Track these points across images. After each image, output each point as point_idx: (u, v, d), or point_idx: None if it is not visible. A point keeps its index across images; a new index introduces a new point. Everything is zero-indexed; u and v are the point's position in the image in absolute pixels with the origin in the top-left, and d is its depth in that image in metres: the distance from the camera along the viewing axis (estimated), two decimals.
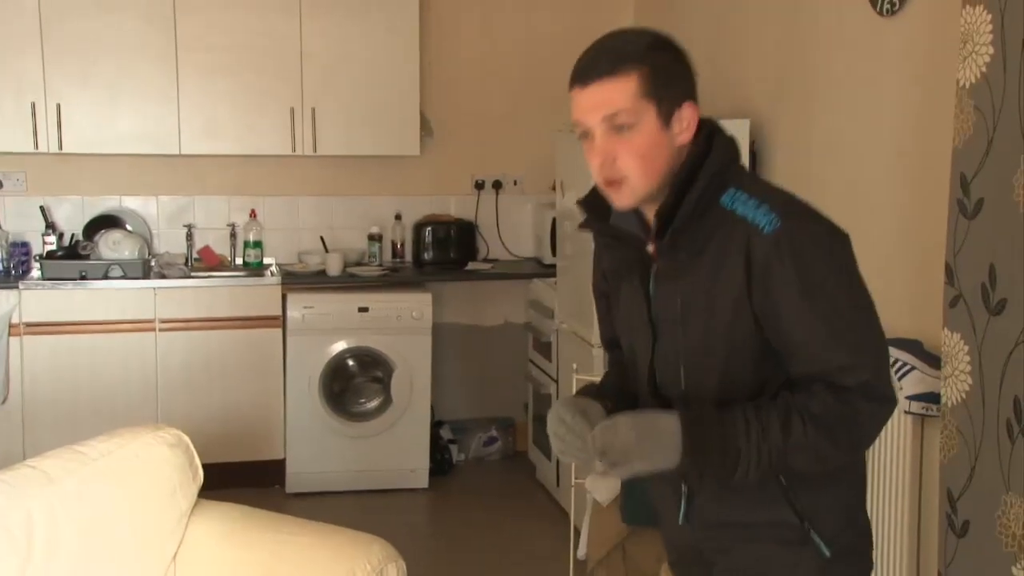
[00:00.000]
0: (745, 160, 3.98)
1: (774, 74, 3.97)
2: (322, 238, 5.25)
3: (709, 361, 1.67)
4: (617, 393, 1.82)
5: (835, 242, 1.64)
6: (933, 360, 2.73)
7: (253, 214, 5.18)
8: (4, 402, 4.55)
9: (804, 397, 1.59)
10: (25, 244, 4.91)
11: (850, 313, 1.61)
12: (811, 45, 3.66)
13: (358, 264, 5.15)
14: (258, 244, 5.12)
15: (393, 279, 5.06)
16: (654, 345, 1.74)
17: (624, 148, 1.63)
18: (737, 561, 1.73)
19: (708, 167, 1.64)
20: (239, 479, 4.48)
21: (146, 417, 4.53)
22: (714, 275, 1.63)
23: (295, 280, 4.92)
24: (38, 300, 4.58)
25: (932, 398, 2.71)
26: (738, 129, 4.00)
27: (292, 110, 4.94)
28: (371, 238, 5.24)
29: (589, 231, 1.81)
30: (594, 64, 1.64)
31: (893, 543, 2.89)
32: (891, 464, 2.92)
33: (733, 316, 1.63)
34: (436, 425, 5.14)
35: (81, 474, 2.31)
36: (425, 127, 5.19)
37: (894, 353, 2.88)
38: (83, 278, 4.64)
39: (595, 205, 1.76)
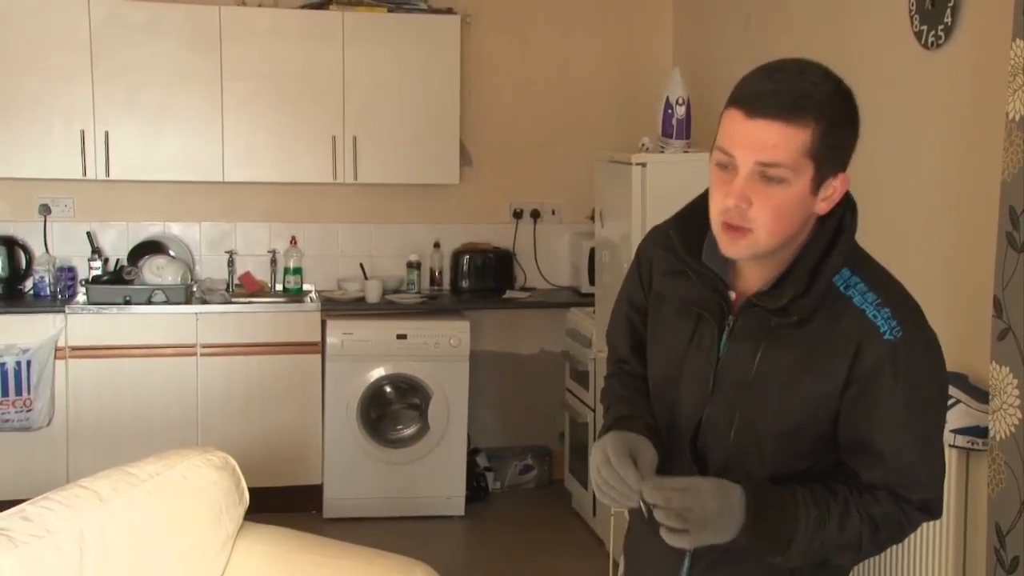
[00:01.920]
0: None
1: None
2: (361, 265, 5.29)
3: (768, 437, 1.59)
4: (653, 431, 1.68)
5: (939, 357, 1.58)
6: (979, 394, 2.71)
7: (293, 241, 5.23)
8: (49, 424, 4.61)
9: (868, 500, 1.55)
10: (72, 269, 5.00)
11: (937, 434, 1.58)
12: (853, 80, 3.64)
13: (397, 291, 5.19)
14: (298, 271, 5.17)
15: (431, 307, 5.09)
16: (709, 401, 1.63)
17: (764, 199, 1.48)
18: None
19: (841, 247, 1.55)
20: (277, 503, 4.49)
21: (187, 441, 4.57)
22: (811, 355, 1.54)
23: (334, 307, 4.96)
24: (83, 324, 4.65)
25: (978, 432, 2.69)
26: None
27: (334, 138, 5.00)
28: (410, 265, 5.28)
29: (673, 257, 1.66)
30: (772, 99, 1.48)
31: (939, 571, 2.86)
32: None
33: (815, 403, 1.55)
34: (472, 453, 5.15)
35: (131, 495, 2.34)
36: (464, 156, 5.24)
37: None
38: (127, 303, 4.70)
39: (686, 232, 1.64)
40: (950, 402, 2.77)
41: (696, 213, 1.63)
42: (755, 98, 1.48)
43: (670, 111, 4.36)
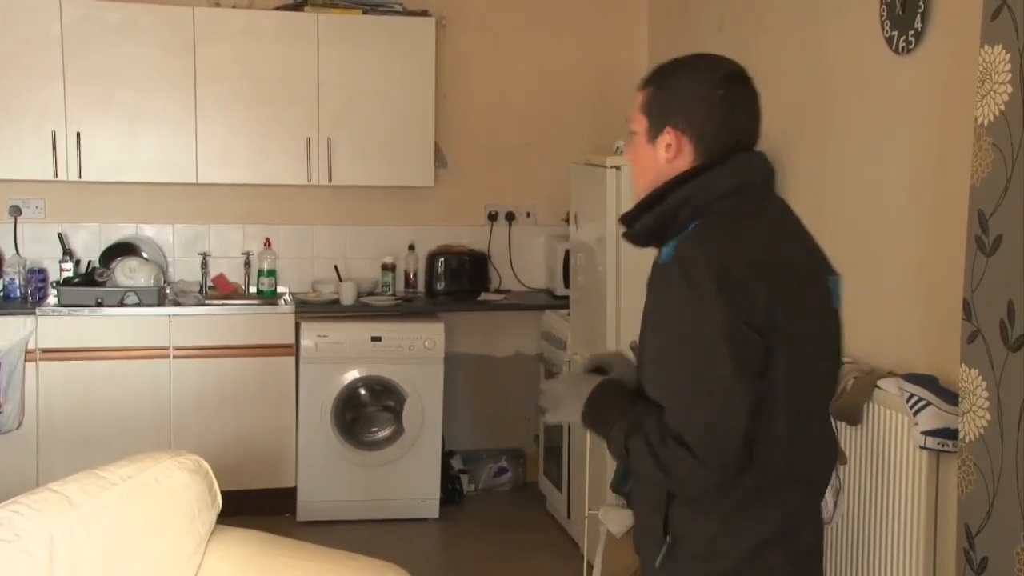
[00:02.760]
0: None
1: (790, 111, 4.00)
2: (336, 267, 5.27)
3: (645, 365, 1.84)
4: None
5: (702, 300, 1.66)
6: (949, 396, 2.74)
7: (267, 243, 5.21)
8: (19, 427, 4.56)
9: (646, 413, 1.75)
10: (42, 271, 4.95)
11: (685, 365, 1.70)
12: (827, 82, 3.70)
13: (371, 294, 5.18)
14: (272, 273, 5.15)
15: (406, 309, 5.08)
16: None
17: (629, 152, 1.95)
18: (640, 538, 1.96)
19: (680, 193, 1.80)
20: (250, 506, 4.46)
21: (159, 444, 4.54)
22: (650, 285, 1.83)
23: (308, 309, 4.95)
24: (54, 326, 4.61)
25: (948, 434, 2.71)
26: None
27: (308, 140, 4.99)
28: (384, 268, 5.27)
29: None
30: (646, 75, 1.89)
31: (909, 572, 2.89)
32: (907, 499, 2.92)
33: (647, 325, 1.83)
34: (447, 455, 5.14)
35: (102, 498, 2.32)
36: (439, 158, 5.24)
37: (909, 388, 2.89)
38: (99, 305, 4.67)
39: None
40: (920, 404, 2.80)
41: None
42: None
43: None
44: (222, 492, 2.57)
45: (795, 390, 1.75)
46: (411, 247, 5.37)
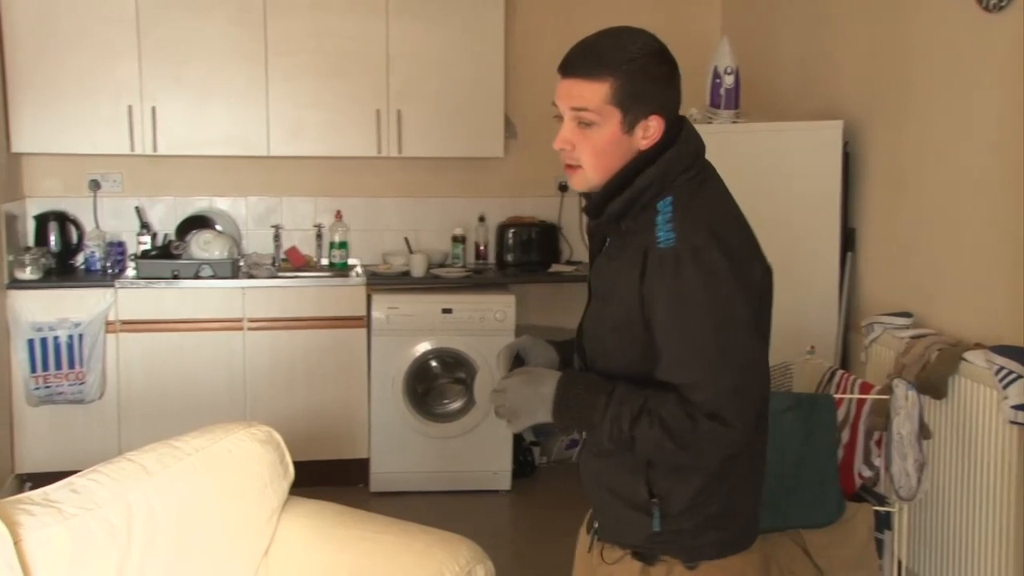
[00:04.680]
0: (837, 163, 3.92)
1: (869, 74, 3.87)
2: (406, 239, 5.28)
3: (604, 340, 1.85)
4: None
5: (705, 264, 1.72)
6: None
7: (338, 215, 5.23)
8: (101, 397, 4.67)
9: (660, 400, 1.73)
10: (121, 244, 5.05)
11: (711, 338, 1.72)
12: (909, 43, 3.57)
13: (441, 266, 5.17)
14: (343, 245, 5.18)
15: (476, 280, 5.07)
16: (586, 307, 1.94)
17: (584, 142, 1.80)
18: (602, 507, 1.94)
19: (649, 174, 1.79)
20: (324, 477, 4.53)
21: (233, 414, 4.61)
22: (624, 266, 1.79)
23: (379, 281, 4.96)
24: (133, 298, 4.69)
25: None
26: (830, 131, 3.93)
27: (378, 112, 4.98)
28: (455, 239, 5.26)
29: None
30: (577, 61, 1.81)
31: (997, 552, 2.80)
32: (995, 475, 2.82)
33: (627, 307, 1.78)
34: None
35: (177, 468, 2.35)
36: (509, 129, 5.19)
37: (998, 361, 2.79)
38: (175, 277, 4.74)
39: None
40: (1010, 376, 2.69)
41: None
42: (566, 62, 1.82)
43: (718, 81, 4.27)
44: (295, 463, 2.59)
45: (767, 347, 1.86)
46: (481, 219, 5.34)
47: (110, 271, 4.92)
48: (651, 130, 1.80)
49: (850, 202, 3.95)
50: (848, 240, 3.98)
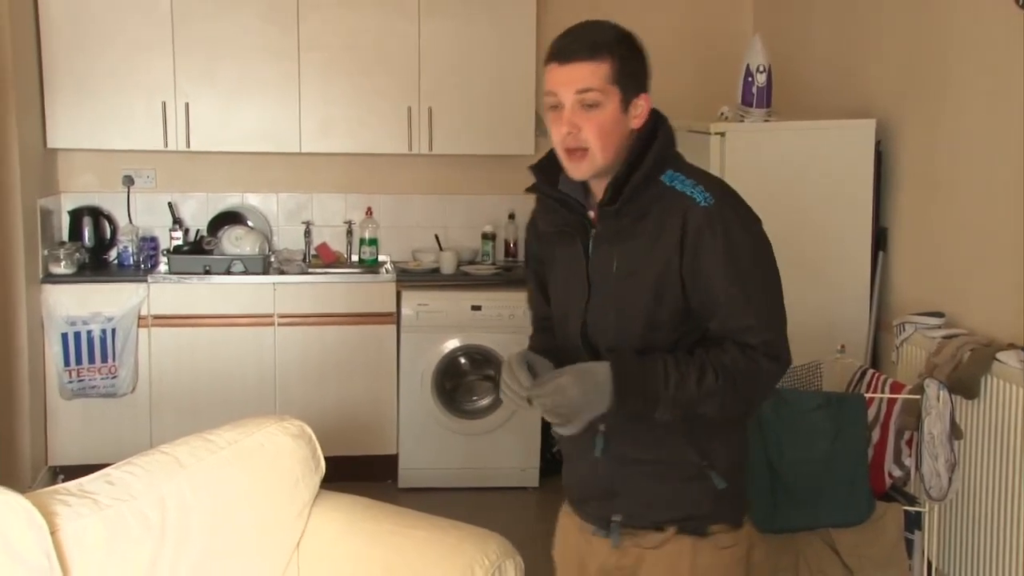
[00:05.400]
0: (870, 161, 3.89)
1: (902, 72, 3.85)
2: (436, 236, 5.29)
3: (637, 315, 1.90)
4: (551, 351, 2.01)
5: (755, 224, 1.91)
6: None
7: (369, 212, 5.26)
8: (133, 391, 4.72)
9: (717, 352, 1.84)
10: (154, 239, 5.09)
11: (760, 283, 1.89)
12: (944, 41, 3.54)
13: (471, 263, 5.19)
14: (373, 242, 5.20)
15: (506, 278, 5.07)
16: (588, 299, 1.96)
17: (589, 123, 1.88)
18: (640, 492, 1.96)
19: (655, 149, 1.91)
20: (353, 473, 4.54)
21: (264, 409, 4.64)
22: (652, 239, 1.88)
23: (409, 278, 4.98)
24: (165, 293, 4.74)
25: None
26: (863, 130, 3.91)
27: (409, 109, 5.00)
28: (485, 237, 5.27)
29: (538, 193, 2.02)
30: (574, 46, 1.89)
31: (1017, 516, 2.78)
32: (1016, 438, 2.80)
33: (663, 276, 1.87)
34: (547, 425, 5.12)
35: (210, 461, 2.38)
36: (540, 126, 5.20)
37: None
38: (207, 272, 4.78)
39: (546, 173, 2.00)
40: None
41: (550, 160, 1.99)
42: (562, 50, 1.90)
43: (750, 79, 4.26)
44: (325, 458, 2.61)
45: None
46: (511, 216, 5.35)
47: (143, 266, 4.97)
48: (640, 108, 1.92)
49: (882, 201, 3.92)
50: (880, 239, 3.95)
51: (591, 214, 1.97)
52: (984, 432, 3.01)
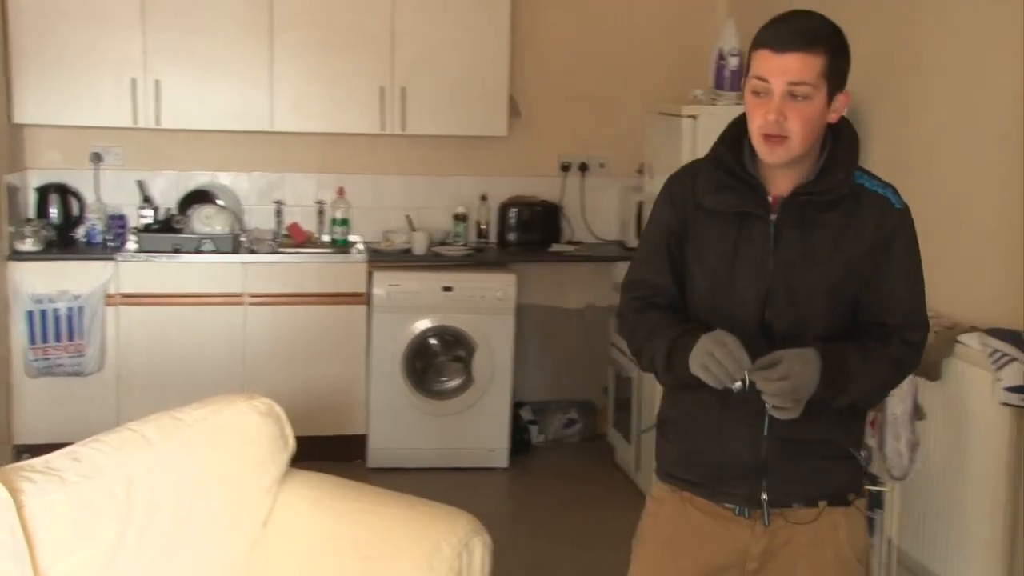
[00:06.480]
0: None
1: (874, 56, 3.87)
2: (408, 217, 5.28)
3: (818, 302, 1.97)
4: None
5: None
6: None
7: (341, 192, 5.24)
8: (100, 369, 4.69)
9: (884, 346, 1.97)
10: (122, 217, 5.05)
11: (922, 288, 2.04)
12: (917, 24, 3.57)
13: (443, 244, 5.18)
14: (345, 222, 5.18)
15: (477, 259, 5.08)
16: (770, 282, 1.97)
17: (796, 113, 1.90)
18: (796, 471, 2.01)
19: (853, 145, 2.00)
20: (322, 452, 4.52)
21: (233, 388, 4.57)
22: (840, 231, 1.95)
23: (381, 258, 4.97)
24: (133, 272, 4.70)
25: None
26: None
27: (382, 89, 4.98)
28: (456, 218, 5.27)
29: (722, 172, 2.02)
30: (794, 37, 1.91)
31: (987, 532, 2.83)
32: (987, 456, 2.85)
33: (849, 267, 1.96)
34: (516, 406, 5.15)
35: (178, 439, 2.38)
36: (513, 108, 5.20)
37: (993, 343, 2.81)
38: (176, 251, 4.75)
39: (733, 154, 2.02)
40: (1003, 359, 2.73)
41: (733, 141, 2.03)
42: (779, 39, 1.92)
43: (723, 63, 4.28)
44: (295, 438, 2.61)
45: None
46: (483, 197, 5.35)
47: (111, 244, 4.92)
48: (839, 103, 1.95)
49: None
50: None
51: (769, 197, 1.99)
52: (945, 413, 3.05)
